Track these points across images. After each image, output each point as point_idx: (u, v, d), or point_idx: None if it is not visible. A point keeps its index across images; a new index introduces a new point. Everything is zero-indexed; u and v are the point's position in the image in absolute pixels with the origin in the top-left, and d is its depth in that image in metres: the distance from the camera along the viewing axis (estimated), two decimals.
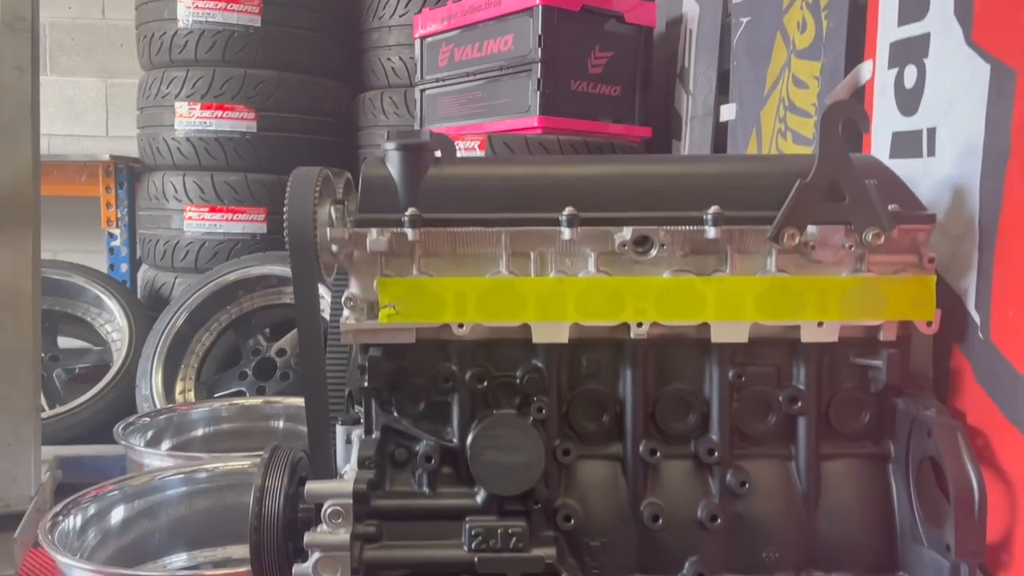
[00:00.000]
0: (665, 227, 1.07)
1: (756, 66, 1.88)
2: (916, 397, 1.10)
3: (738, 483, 1.10)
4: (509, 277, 1.08)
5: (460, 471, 1.10)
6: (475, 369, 1.10)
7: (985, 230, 1.06)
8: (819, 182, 1.05)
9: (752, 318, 1.08)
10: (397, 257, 1.09)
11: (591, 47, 2.47)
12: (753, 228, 1.06)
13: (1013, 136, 1.00)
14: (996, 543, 1.02)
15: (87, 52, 4.00)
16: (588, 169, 1.15)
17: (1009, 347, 1.01)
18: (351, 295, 1.09)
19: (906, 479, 1.10)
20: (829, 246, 1.06)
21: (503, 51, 2.48)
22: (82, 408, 2.82)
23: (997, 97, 1.03)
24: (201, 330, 2.87)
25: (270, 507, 1.09)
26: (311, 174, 1.08)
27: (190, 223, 3.18)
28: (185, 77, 3.14)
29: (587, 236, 1.07)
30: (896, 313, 1.08)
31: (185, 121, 3.15)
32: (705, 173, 1.14)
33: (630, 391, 1.11)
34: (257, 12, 3.13)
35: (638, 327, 1.08)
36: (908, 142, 1.24)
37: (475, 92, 2.60)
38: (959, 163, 1.11)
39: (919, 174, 1.21)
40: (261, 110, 3.17)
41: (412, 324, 1.08)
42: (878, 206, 1.04)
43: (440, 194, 1.09)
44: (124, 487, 1.69)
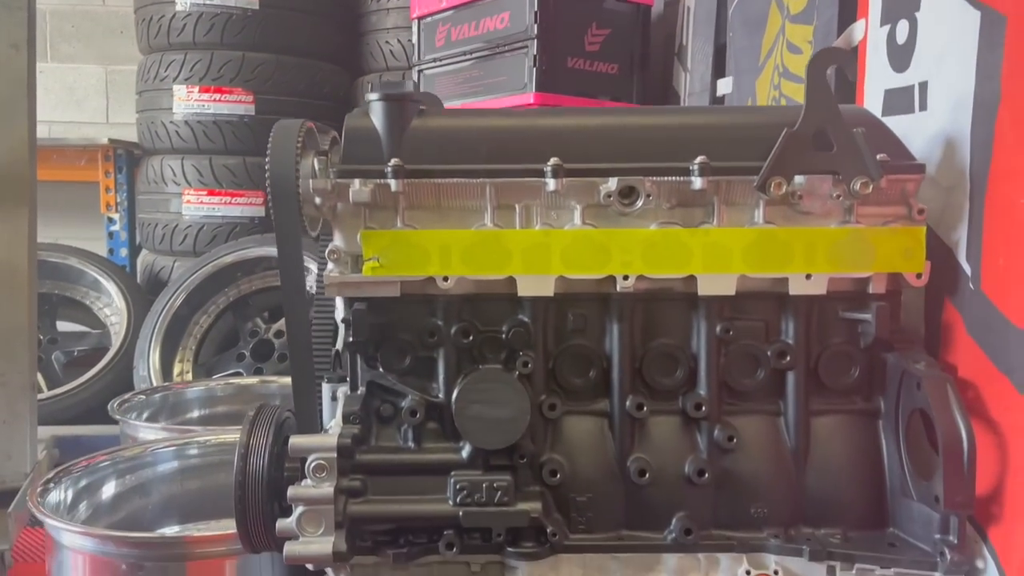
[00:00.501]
0: (651, 178, 1.05)
1: (751, 36, 1.87)
2: (906, 352, 1.09)
3: (726, 438, 1.08)
4: (494, 230, 1.07)
5: (445, 426, 1.09)
6: (460, 324, 1.09)
7: (976, 179, 1.05)
8: (806, 131, 1.03)
9: (739, 270, 1.07)
10: (381, 210, 1.08)
11: (588, 24, 2.46)
12: (740, 179, 1.05)
13: (1003, 83, 0.99)
14: (986, 495, 1.00)
15: (87, 39, 4.01)
16: (574, 120, 1.14)
17: (1000, 296, 0.99)
18: (335, 248, 1.08)
19: (896, 434, 1.08)
20: (817, 196, 1.05)
21: (499, 29, 2.47)
22: (80, 389, 2.82)
23: (987, 44, 1.02)
24: (199, 312, 2.87)
25: (255, 465, 1.09)
26: (294, 126, 1.07)
27: (188, 206, 3.18)
28: (184, 60, 3.14)
29: (573, 188, 1.06)
30: (885, 265, 1.06)
31: (184, 104, 3.15)
32: (692, 124, 1.12)
33: (617, 346, 1.10)
34: None
35: (624, 280, 1.07)
36: (900, 98, 1.23)
37: (472, 71, 2.60)
38: (950, 115, 1.10)
39: (911, 129, 1.20)
40: (259, 93, 3.17)
41: (396, 277, 1.07)
42: (866, 155, 1.03)
43: (424, 145, 1.08)
44: (116, 458, 1.68)
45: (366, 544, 1.07)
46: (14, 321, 2.24)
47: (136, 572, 1.27)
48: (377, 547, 1.07)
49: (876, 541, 1.07)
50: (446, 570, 1.09)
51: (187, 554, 1.29)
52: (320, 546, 1.02)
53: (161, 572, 1.28)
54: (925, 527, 1.03)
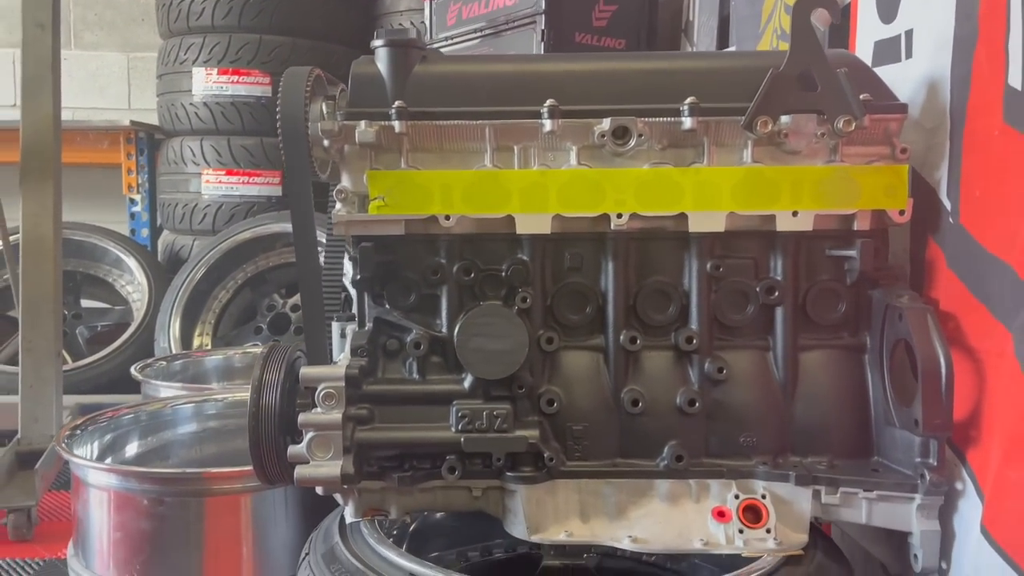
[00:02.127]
0: (643, 118, 1.10)
1: (752, 4, 1.91)
2: (891, 287, 1.13)
3: (716, 370, 1.13)
4: (493, 170, 1.12)
5: (448, 359, 1.14)
6: (462, 262, 1.14)
7: (955, 117, 1.09)
8: (791, 72, 1.08)
9: (728, 208, 1.11)
10: (386, 151, 1.13)
11: (595, 0, 2.50)
12: (728, 119, 1.10)
13: (980, 22, 1.03)
14: (964, 420, 1.04)
15: (110, 27, 4.10)
16: (570, 65, 1.19)
17: (976, 227, 1.03)
18: (342, 188, 1.13)
19: (880, 367, 1.13)
20: (802, 134, 1.09)
21: (508, 6, 2.52)
22: (104, 361, 2.90)
23: None
24: (218, 287, 2.95)
25: (268, 399, 1.14)
26: (303, 72, 1.13)
27: (208, 186, 3.25)
28: (202, 43, 3.22)
29: (568, 130, 1.11)
30: (869, 202, 1.11)
31: (203, 86, 3.22)
32: (682, 68, 1.17)
33: (612, 284, 1.15)
34: None
35: (618, 218, 1.12)
36: (889, 48, 1.27)
37: (483, 48, 2.65)
38: (933, 58, 1.14)
39: (899, 77, 1.24)
40: (276, 75, 3.22)
41: (401, 216, 1.13)
42: (849, 94, 1.07)
43: (427, 89, 1.13)
44: (139, 412, 1.75)
45: (372, 469, 1.12)
46: (40, 290, 2.33)
47: (157, 507, 1.34)
48: (383, 472, 1.12)
49: (861, 467, 1.12)
50: (448, 494, 1.14)
51: (205, 490, 1.35)
52: (329, 470, 1.08)
53: (181, 507, 1.34)
54: (907, 452, 1.07)
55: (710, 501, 1.12)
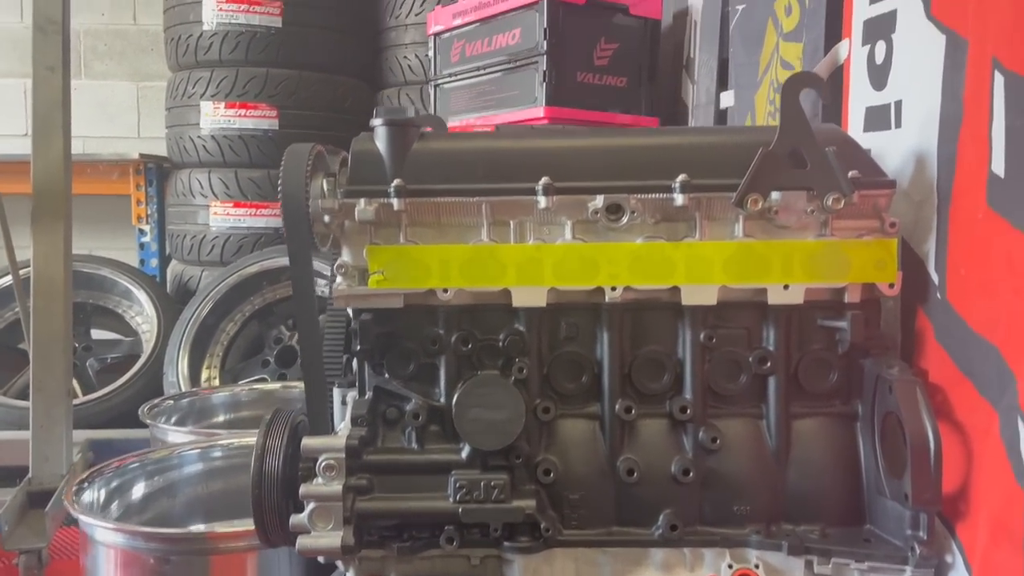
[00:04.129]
0: (636, 195, 1.13)
1: (750, 52, 1.93)
2: (882, 357, 1.15)
3: (710, 439, 1.15)
4: (490, 244, 1.15)
5: (446, 428, 1.17)
6: (460, 333, 1.17)
7: (942, 194, 1.11)
8: (781, 149, 1.10)
9: (720, 281, 1.13)
10: (385, 227, 1.16)
11: (597, 39, 2.53)
12: (719, 195, 1.12)
13: (965, 103, 1.05)
14: (953, 493, 1.06)
15: (119, 56, 4.15)
16: (564, 142, 1.21)
17: (962, 304, 1.05)
18: (343, 263, 1.16)
19: (872, 436, 1.14)
20: (792, 211, 1.11)
21: (511, 45, 2.55)
22: (113, 395, 2.94)
23: (952, 66, 1.08)
24: (225, 320, 2.98)
25: (270, 465, 1.17)
26: (304, 149, 1.16)
27: (216, 218, 3.29)
28: (210, 77, 3.26)
29: (563, 205, 1.14)
30: (859, 275, 1.12)
31: (210, 120, 3.27)
32: (674, 144, 1.20)
33: (607, 353, 1.17)
34: (278, 13, 3.24)
35: (612, 291, 1.14)
36: (879, 116, 1.29)
37: (486, 85, 2.68)
38: (920, 132, 1.16)
39: (889, 145, 1.26)
40: (283, 108, 3.28)
41: (400, 289, 1.15)
42: (838, 172, 1.09)
43: (425, 166, 1.16)
44: (145, 460, 1.78)
45: (373, 538, 1.15)
46: (51, 330, 2.36)
47: (163, 566, 1.37)
48: (383, 541, 1.15)
49: (853, 537, 1.13)
50: (447, 563, 1.16)
51: (211, 549, 1.38)
52: (330, 540, 1.10)
53: (186, 566, 1.37)
54: (898, 523, 1.09)
55: (704, 570, 1.14)
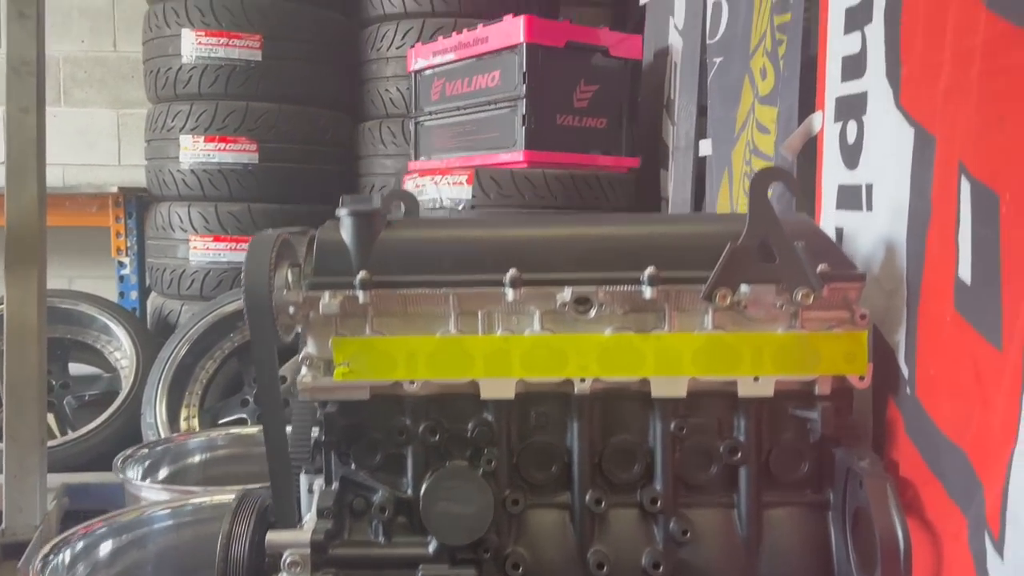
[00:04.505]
0: (604, 288, 1.11)
1: (727, 107, 1.92)
2: (853, 448, 1.14)
3: (680, 531, 1.14)
4: (457, 336, 1.13)
5: (414, 520, 1.15)
6: (428, 422, 1.15)
7: (911, 288, 1.10)
8: (749, 243, 1.09)
9: (690, 373, 1.12)
10: (351, 317, 1.14)
11: (576, 81, 2.52)
12: (688, 288, 1.11)
13: (933, 202, 1.04)
14: None
15: (100, 84, 4.12)
16: (532, 231, 1.20)
17: (931, 404, 1.04)
18: (308, 354, 1.14)
19: (843, 526, 1.13)
20: (762, 304, 1.10)
21: (491, 87, 2.54)
22: (90, 435, 2.91)
23: (920, 162, 1.07)
24: (203, 360, 2.96)
25: (236, 552, 1.15)
26: (269, 239, 1.14)
27: (195, 252, 3.27)
28: (189, 111, 3.23)
29: (531, 295, 1.13)
30: (829, 368, 1.12)
31: (190, 154, 3.24)
32: (643, 234, 1.18)
33: (577, 443, 1.16)
34: (258, 47, 3.22)
35: (581, 383, 1.13)
36: (851, 195, 1.28)
37: (466, 126, 2.67)
38: (890, 221, 1.15)
39: (861, 227, 1.25)
40: (263, 141, 3.25)
41: (366, 382, 1.14)
42: (807, 267, 1.08)
43: (391, 257, 1.15)
44: (113, 523, 1.75)
45: None
46: (24, 376, 2.33)
47: None
48: None
49: None
50: None
51: None
52: None
53: None
54: None
55: None
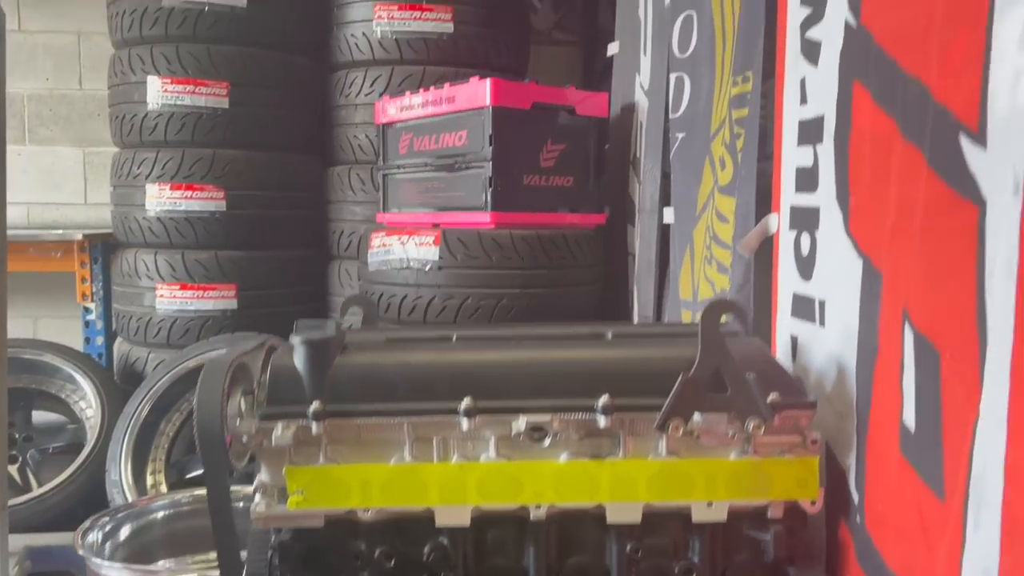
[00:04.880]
0: (559, 416, 1.12)
1: (689, 185, 1.94)
2: (807, 569, 1.15)
3: None
4: (412, 464, 1.13)
5: None
6: (383, 548, 1.15)
7: (860, 417, 1.11)
8: (701, 374, 1.10)
9: (644, 499, 1.13)
10: (305, 445, 1.14)
11: (543, 141, 2.53)
12: (642, 415, 1.12)
13: (881, 339, 1.05)
14: None
15: (65, 122, 4.07)
16: (487, 356, 1.20)
17: (879, 539, 1.06)
18: (261, 482, 1.14)
19: None
20: (714, 433, 1.11)
21: (457, 146, 2.54)
22: (54, 492, 2.86)
23: (868, 294, 1.09)
24: (168, 414, 2.93)
25: None
26: (222, 365, 1.13)
27: (162, 300, 3.23)
28: (155, 158, 3.20)
29: (486, 423, 1.13)
30: (781, 493, 1.13)
31: (156, 201, 3.21)
32: (596, 360, 1.19)
33: (533, 565, 1.16)
34: (225, 95, 3.19)
35: (537, 509, 1.13)
36: (805, 306, 1.30)
37: (433, 182, 2.66)
38: (841, 343, 1.17)
39: (814, 339, 1.27)
40: (231, 189, 3.23)
41: (320, 510, 1.13)
42: (757, 397, 1.09)
43: (345, 385, 1.14)
44: None
45: None
46: None
47: None
48: None
49: None
50: None
51: None
52: None
53: None
54: None
55: None
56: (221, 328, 3.23)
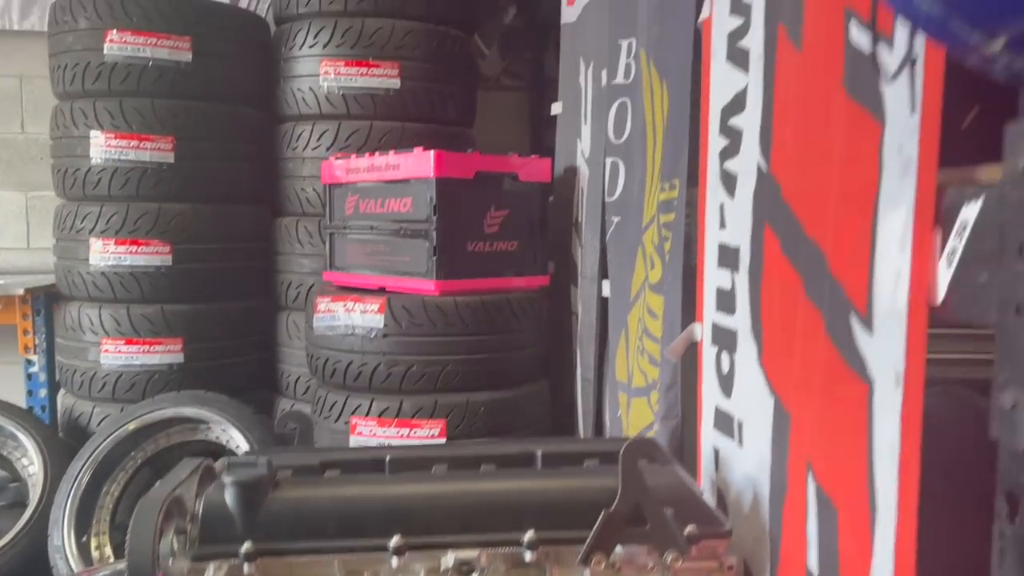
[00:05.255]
0: (487, 551, 1.16)
1: (623, 270, 1.99)
2: None
3: None
4: None
5: None
6: None
7: (773, 547, 1.17)
8: (622, 509, 1.15)
9: None
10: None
11: (487, 208, 2.57)
12: (567, 548, 1.16)
13: (788, 478, 1.11)
14: None
15: (6, 166, 4.00)
16: (417, 489, 1.24)
17: None
18: None
19: None
20: (635, 564, 1.16)
21: (402, 212, 2.57)
22: None
23: (778, 433, 1.15)
24: (112, 475, 2.91)
25: None
26: (156, 503, 1.15)
27: (107, 355, 3.20)
28: (99, 213, 3.17)
29: (416, 558, 1.16)
30: None
31: (100, 256, 3.18)
32: (522, 493, 1.23)
33: None
34: (170, 149, 3.18)
35: None
36: (726, 422, 1.35)
37: (378, 245, 2.69)
38: (756, 471, 1.22)
39: (734, 457, 1.32)
40: (177, 243, 3.21)
41: None
42: (675, 530, 1.14)
43: (277, 522, 1.17)
44: None
45: None
46: None
47: None
48: None
49: None
50: None
51: None
52: None
53: None
54: None
55: None
56: (168, 382, 3.22)
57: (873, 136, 0.89)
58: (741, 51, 1.27)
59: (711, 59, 1.39)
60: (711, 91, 1.39)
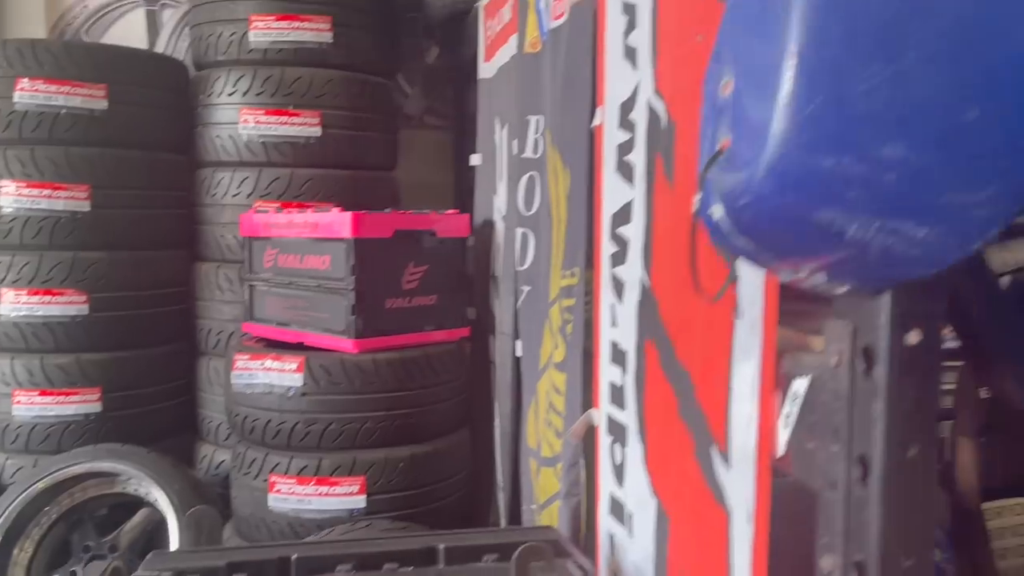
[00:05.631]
0: None
1: (532, 339, 2.06)
2: None
3: None
4: None
5: None
6: None
7: None
8: None
9: None
10: None
11: (405, 265, 2.61)
12: None
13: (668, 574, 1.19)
14: None
15: None
16: None
17: None
18: None
19: None
20: None
21: (321, 269, 2.59)
22: None
23: (659, 534, 1.23)
24: (20, 541, 2.85)
25: None
26: None
27: (19, 407, 3.14)
28: (11, 263, 3.11)
29: None
30: None
31: (11, 307, 3.12)
32: None
33: None
34: (85, 198, 3.13)
35: None
36: (619, 510, 1.43)
37: (298, 300, 2.71)
38: (643, 563, 1.30)
39: (626, 545, 1.40)
40: (93, 292, 3.17)
41: None
42: None
43: None
44: None
45: None
46: None
47: None
48: None
49: None
50: None
51: None
52: None
53: None
54: None
55: None
56: (84, 432, 3.17)
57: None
58: (628, 165, 1.35)
59: (602, 165, 1.47)
60: (603, 195, 1.47)
